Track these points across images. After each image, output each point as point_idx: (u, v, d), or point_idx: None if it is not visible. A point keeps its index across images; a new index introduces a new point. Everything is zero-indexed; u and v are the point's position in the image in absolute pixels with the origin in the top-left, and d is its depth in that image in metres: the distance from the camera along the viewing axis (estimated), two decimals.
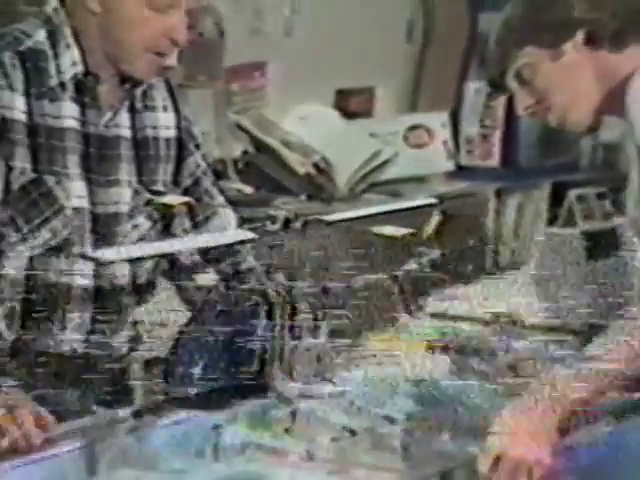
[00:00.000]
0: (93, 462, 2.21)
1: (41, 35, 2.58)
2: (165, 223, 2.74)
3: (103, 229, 2.60)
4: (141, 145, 2.70)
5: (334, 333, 2.70)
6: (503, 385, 2.58)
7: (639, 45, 2.36)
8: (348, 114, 4.69)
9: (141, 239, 2.68)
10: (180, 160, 2.77)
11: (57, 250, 2.58)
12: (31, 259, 2.57)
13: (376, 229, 2.90)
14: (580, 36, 2.33)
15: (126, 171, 2.65)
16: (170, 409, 2.42)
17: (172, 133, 2.76)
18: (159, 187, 2.71)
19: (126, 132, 2.67)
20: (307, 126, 4.32)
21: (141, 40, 2.56)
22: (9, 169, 2.52)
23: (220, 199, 2.86)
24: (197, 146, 2.83)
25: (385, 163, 4.46)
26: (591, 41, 2.33)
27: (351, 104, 4.76)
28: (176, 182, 2.76)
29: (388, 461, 2.27)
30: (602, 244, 3.71)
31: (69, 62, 2.59)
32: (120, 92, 2.65)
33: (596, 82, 2.37)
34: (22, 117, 2.53)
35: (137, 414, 2.39)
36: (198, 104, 3.11)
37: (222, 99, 4.42)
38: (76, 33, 2.59)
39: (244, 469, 2.21)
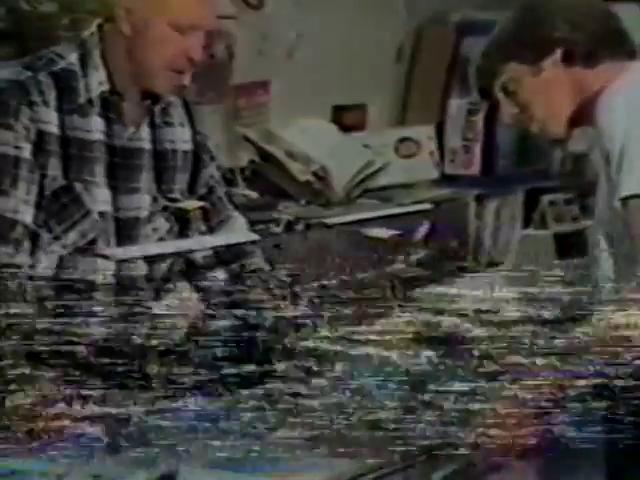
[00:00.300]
0: (116, 442, 2.22)
1: (73, 57, 2.62)
2: (182, 227, 2.77)
3: (125, 231, 2.62)
4: (160, 157, 2.72)
5: (331, 325, 2.74)
6: (484, 372, 2.56)
7: (609, 62, 2.38)
8: (344, 128, 4.68)
9: (160, 240, 2.71)
10: (196, 171, 2.79)
11: (84, 250, 2.60)
12: (61, 258, 2.60)
13: (367, 231, 2.91)
14: (558, 54, 2.36)
15: (146, 180, 2.68)
16: (183, 394, 2.42)
17: (188, 146, 2.78)
18: (176, 195, 2.74)
19: (147, 145, 2.70)
20: (307, 138, 4.31)
21: (162, 59, 2.59)
22: (43, 177, 2.54)
23: (231, 206, 2.88)
24: (212, 158, 2.86)
25: (377, 171, 4.47)
26: (567, 58, 2.36)
27: (346, 119, 4.74)
28: (192, 190, 2.78)
29: (382, 442, 2.25)
30: (571, 244, 3.72)
31: (97, 82, 2.61)
32: (141, 109, 2.68)
33: (571, 95, 2.39)
34: (56, 130, 2.57)
35: (154, 399, 2.39)
36: (209, 118, 3.12)
37: (231, 114, 4.42)
38: (104, 55, 2.62)
39: (250, 448, 2.19)
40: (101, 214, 2.60)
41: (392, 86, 5.07)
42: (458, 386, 2.49)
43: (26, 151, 2.52)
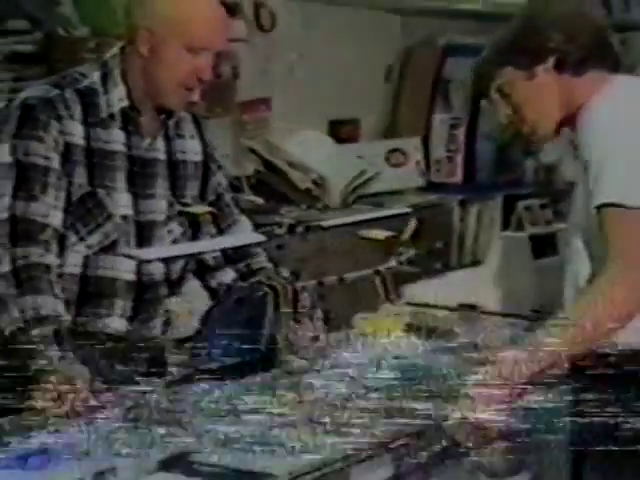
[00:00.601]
0: (137, 422, 2.22)
1: (95, 76, 2.64)
2: (194, 230, 2.79)
3: (144, 233, 2.64)
4: (174, 166, 2.74)
5: (328, 318, 2.75)
6: (466, 359, 2.57)
7: (595, 71, 2.37)
8: (339, 140, 4.68)
9: (174, 242, 2.73)
10: (205, 179, 2.81)
11: (107, 250, 2.64)
12: (86, 257, 2.62)
13: (364, 232, 2.91)
14: (551, 62, 2.35)
15: (162, 187, 2.70)
16: (197, 379, 2.43)
17: (199, 157, 2.80)
18: (188, 200, 2.75)
19: (162, 155, 2.71)
20: (306, 149, 4.32)
21: (175, 77, 2.60)
22: (70, 184, 2.57)
23: (237, 211, 2.89)
24: (219, 167, 2.87)
25: (370, 179, 4.48)
26: (559, 66, 2.35)
27: (341, 132, 4.76)
28: (202, 197, 2.79)
29: (374, 423, 2.23)
30: (545, 245, 3.73)
31: (117, 98, 2.63)
32: (157, 122, 2.70)
33: (560, 101, 2.38)
34: (81, 142, 2.59)
35: (170, 383, 2.41)
36: (217, 132, 3.13)
37: (237, 127, 4.44)
38: (124, 74, 2.64)
39: (257, 429, 2.17)
40: (123, 217, 2.62)
41: (383, 103, 5.09)
42: (444, 371, 2.51)
43: (55, 161, 2.53)
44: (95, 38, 3.68)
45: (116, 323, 2.68)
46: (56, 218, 2.52)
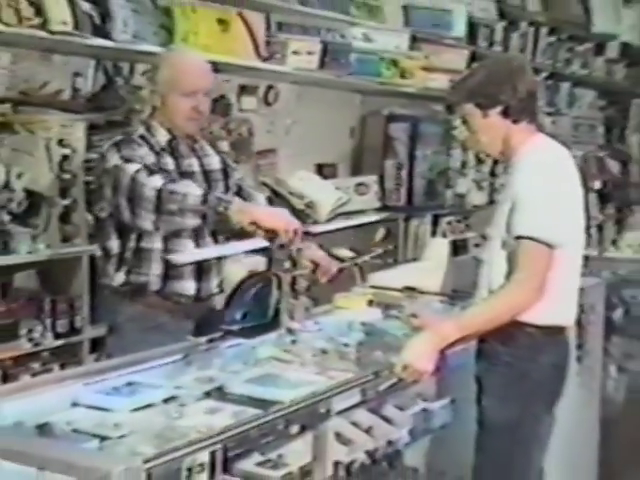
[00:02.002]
0: (190, 366, 2.22)
1: (142, 130, 2.65)
2: None
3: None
4: (206, 175, 2.71)
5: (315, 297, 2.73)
6: (410, 324, 2.57)
7: (526, 122, 2.25)
8: (323, 177, 4.67)
9: None
10: (226, 179, 2.77)
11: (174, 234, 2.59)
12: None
13: (334, 251, 2.89)
14: (499, 109, 2.23)
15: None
16: (228, 337, 2.42)
17: (219, 166, 2.77)
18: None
19: (197, 169, 2.69)
20: (302, 183, 4.29)
21: (181, 114, 2.61)
22: None
23: (252, 191, 2.87)
24: (234, 169, 2.84)
25: (344, 204, 4.45)
26: (504, 113, 2.23)
27: (324, 172, 4.75)
28: (226, 191, 2.74)
29: (347, 366, 2.26)
30: (459, 247, 3.72)
31: (162, 136, 2.64)
32: (188, 148, 2.68)
33: (502, 138, 2.25)
34: (158, 165, 2.59)
35: (211, 340, 2.39)
36: (243, 172, 3.11)
37: (255, 169, 4.43)
38: (159, 120, 2.64)
39: (269, 371, 2.19)
40: None
41: (351, 152, 5.09)
42: (395, 331, 2.50)
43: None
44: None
45: (189, 286, 2.65)
46: None
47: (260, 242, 2.49)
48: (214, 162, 2.76)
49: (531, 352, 2.21)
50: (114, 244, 2.62)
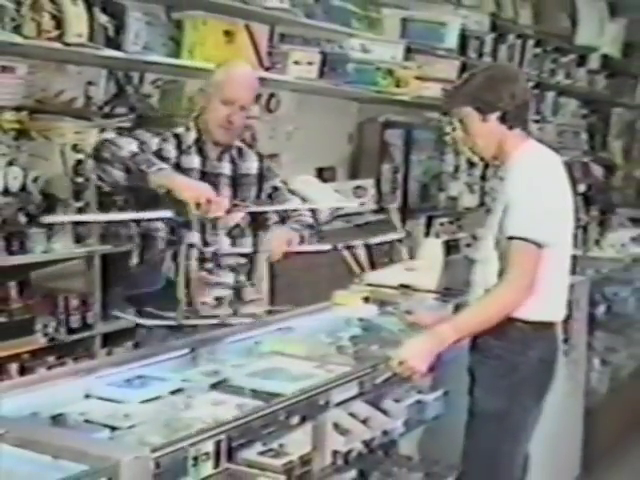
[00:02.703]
0: (196, 360, 2.22)
1: (180, 129, 2.63)
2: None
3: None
4: (237, 179, 2.66)
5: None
6: (405, 320, 2.57)
7: (519, 129, 2.22)
8: (323, 180, 4.64)
9: (236, 226, 2.63)
10: (260, 185, 2.71)
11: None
12: None
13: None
14: (497, 114, 2.19)
15: (225, 191, 2.61)
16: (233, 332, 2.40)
17: (255, 172, 2.71)
18: (248, 199, 2.67)
19: (227, 171, 2.64)
20: (303, 186, 4.27)
21: (215, 121, 2.57)
22: None
23: (288, 195, 2.80)
24: (276, 175, 2.80)
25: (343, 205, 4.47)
26: (501, 119, 2.19)
27: (324, 175, 4.72)
28: (258, 196, 2.69)
29: (345, 360, 2.25)
30: (451, 247, 3.71)
31: (191, 137, 2.61)
32: (217, 151, 2.64)
33: (497, 142, 2.22)
34: (174, 159, 2.56)
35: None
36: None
37: None
38: (197, 124, 2.62)
39: (271, 365, 2.18)
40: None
41: (348, 157, 5.07)
42: (390, 327, 2.49)
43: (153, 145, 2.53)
44: (167, 117, 3.68)
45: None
46: None
47: (164, 213, 2.41)
48: (251, 167, 2.70)
49: (521, 346, 2.20)
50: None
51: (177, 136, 2.61)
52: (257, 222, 2.68)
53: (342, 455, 2.00)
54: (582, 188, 6.29)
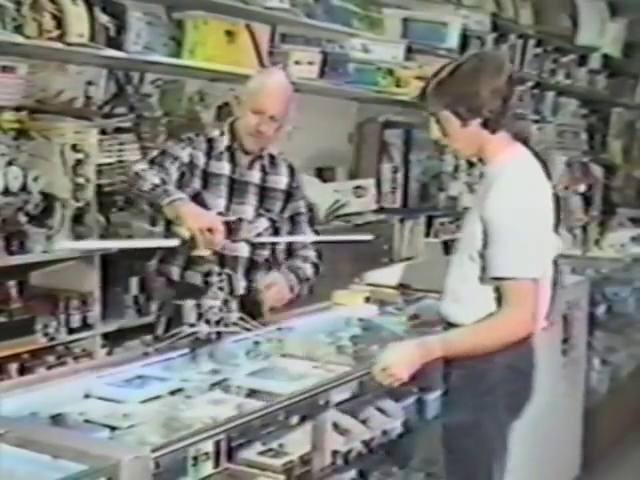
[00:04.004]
0: (196, 360, 2.21)
1: (216, 133, 2.63)
2: (274, 230, 2.68)
3: (231, 225, 2.49)
4: (265, 190, 2.65)
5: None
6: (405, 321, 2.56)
7: (502, 132, 2.07)
8: (323, 180, 4.64)
9: (258, 235, 2.62)
10: (286, 202, 2.69)
11: None
12: None
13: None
14: (479, 120, 2.03)
15: (251, 199, 2.62)
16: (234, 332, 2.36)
17: (283, 187, 2.69)
18: (274, 211, 2.66)
19: (255, 180, 2.64)
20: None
21: (245, 129, 2.56)
22: (186, 185, 2.54)
23: (305, 227, 2.73)
24: (302, 198, 2.74)
25: (342, 205, 4.44)
26: (483, 124, 2.04)
27: (324, 175, 4.71)
28: (282, 211, 2.68)
29: (345, 360, 2.25)
30: (451, 247, 3.71)
31: (224, 143, 2.60)
32: (248, 160, 2.63)
33: (477, 144, 2.07)
34: (202, 165, 2.58)
35: (218, 334, 2.31)
36: None
37: None
38: (232, 130, 2.62)
39: (270, 364, 2.19)
40: (219, 213, 2.53)
41: (348, 157, 5.06)
42: (389, 326, 2.49)
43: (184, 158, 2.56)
44: (166, 117, 3.68)
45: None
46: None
47: (169, 242, 2.44)
48: (280, 182, 2.68)
49: (488, 353, 2.02)
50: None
51: (210, 140, 2.61)
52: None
53: (342, 455, 2.00)
54: (582, 188, 6.29)
